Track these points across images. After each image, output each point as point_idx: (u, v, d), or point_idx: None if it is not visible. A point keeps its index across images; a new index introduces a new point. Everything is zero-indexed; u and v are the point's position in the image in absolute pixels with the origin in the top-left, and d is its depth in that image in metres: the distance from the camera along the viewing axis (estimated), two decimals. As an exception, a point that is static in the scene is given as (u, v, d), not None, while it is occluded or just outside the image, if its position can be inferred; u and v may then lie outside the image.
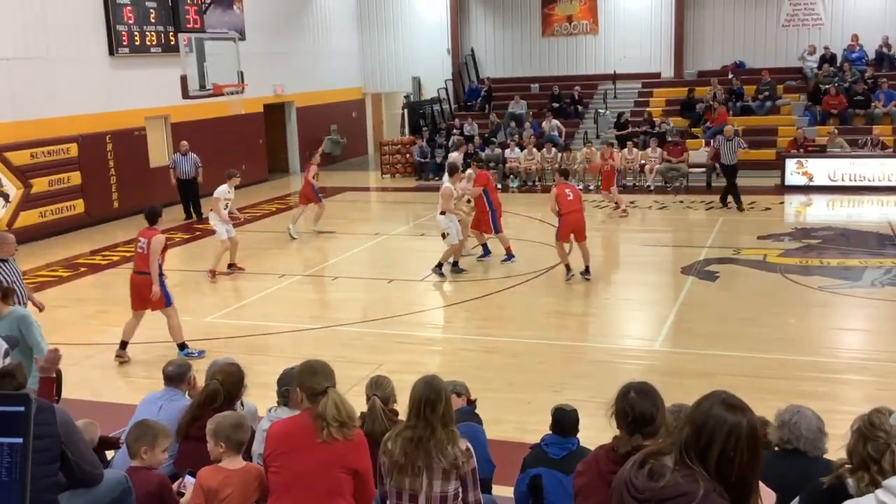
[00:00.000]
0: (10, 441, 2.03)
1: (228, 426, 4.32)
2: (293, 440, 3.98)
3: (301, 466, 3.94)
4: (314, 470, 3.92)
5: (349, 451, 3.96)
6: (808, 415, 4.19)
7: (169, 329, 9.73)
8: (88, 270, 14.26)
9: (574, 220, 12.22)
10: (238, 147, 20.68)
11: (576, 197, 12.36)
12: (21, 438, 2.05)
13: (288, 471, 3.97)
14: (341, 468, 3.95)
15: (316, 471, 3.92)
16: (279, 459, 4.01)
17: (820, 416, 4.23)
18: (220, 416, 4.46)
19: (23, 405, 2.06)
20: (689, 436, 2.47)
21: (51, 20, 16.73)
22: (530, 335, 10.17)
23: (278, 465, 4.01)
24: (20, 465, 2.03)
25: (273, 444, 4.05)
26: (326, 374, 4.08)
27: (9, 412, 2.04)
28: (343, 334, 10.47)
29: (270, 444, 4.06)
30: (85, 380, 8.82)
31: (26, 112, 16.21)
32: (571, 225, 12.23)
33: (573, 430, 4.94)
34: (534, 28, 26.54)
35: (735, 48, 24.45)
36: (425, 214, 18.32)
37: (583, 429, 5.11)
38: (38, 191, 16.67)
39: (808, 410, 4.22)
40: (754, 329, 10.03)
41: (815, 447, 4.12)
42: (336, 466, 3.93)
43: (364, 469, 4.03)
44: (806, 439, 4.11)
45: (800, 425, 4.13)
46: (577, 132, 23.69)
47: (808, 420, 4.16)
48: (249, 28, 21.94)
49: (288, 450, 3.98)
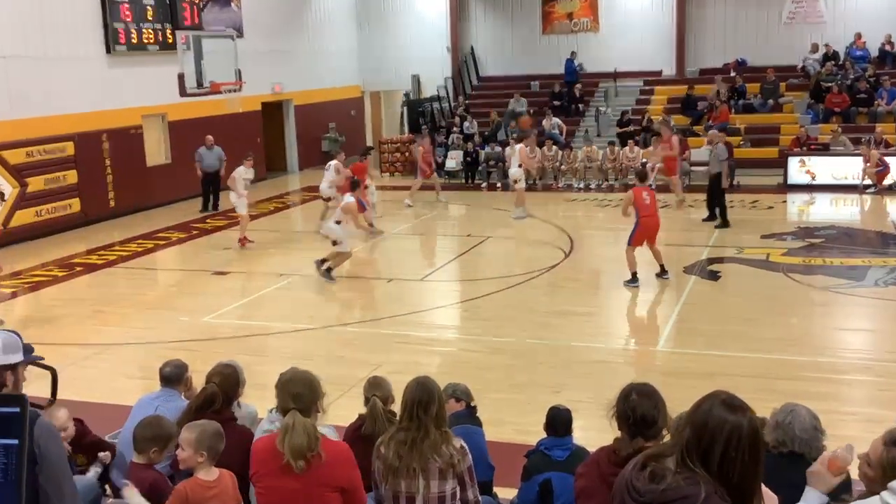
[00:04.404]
0: (6, 442, 2.01)
1: (211, 435, 4.18)
2: (275, 461, 3.84)
3: (285, 488, 3.82)
4: (299, 492, 3.80)
5: (333, 468, 3.85)
6: (801, 414, 4.08)
7: None
8: (84, 270, 14.19)
9: (651, 224, 11.87)
10: (236, 145, 20.57)
11: (652, 200, 12.04)
12: (17, 440, 2.03)
13: (273, 494, 3.87)
14: (327, 487, 3.83)
15: (301, 492, 3.80)
16: (263, 481, 3.91)
17: (816, 415, 4.12)
18: (201, 424, 4.31)
19: (18, 406, 2.03)
20: (690, 437, 2.46)
21: (47, 18, 16.67)
22: (531, 335, 10.10)
23: (263, 486, 3.91)
24: (16, 467, 2.00)
25: (256, 465, 3.94)
26: (296, 394, 3.91)
27: (4, 413, 2.02)
28: (342, 334, 10.42)
29: (254, 464, 3.96)
30: (81, 380, 8.75)
31: (23, 110, 16.15)
32: (648, 230, 11.87)
33: (567, 430, 4.90)
34: (534, 25, 26.48)
35: (737, 46, 24.38)
36: (425, 213, 18.27)
37: (583, 430, 5.07)
38: (34, 190, 16.60)
39: (803, 409, 4.12)
40: (757, 329, 9.96)
41: (810, 447, 4.01)
42: (321, 486, 3.82)
43: (351, 485, 3.92)
44: (800, 440, 4.01)
45: (793, 425, 4.03)
46: (577, 130, 23.64)
47: (802, 419, 4.05)
48: (248, 26, 21.90)
49: (270, 471, 3.87)
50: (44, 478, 2.90)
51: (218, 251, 15.14)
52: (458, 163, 22.44)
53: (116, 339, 10.41)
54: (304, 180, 23.73)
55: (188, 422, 4.84)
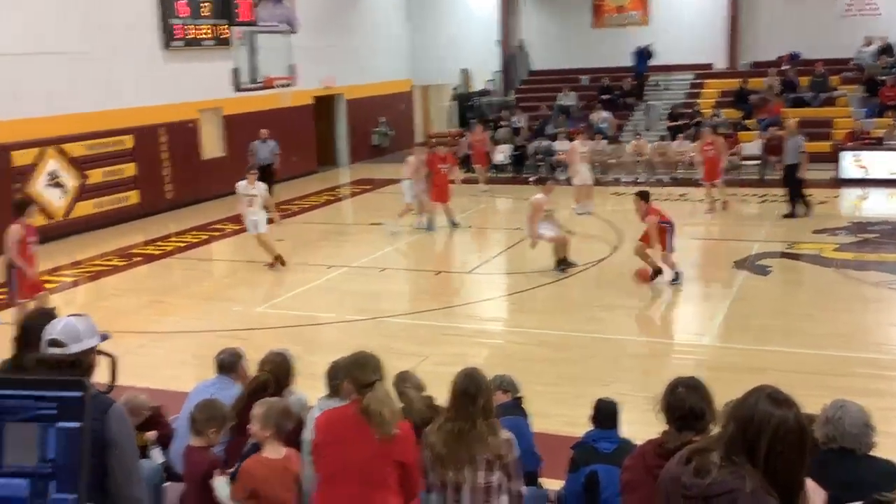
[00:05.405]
0: (69, 426, 2.09)
1: (278, 412, 4.38)
2: (341, 430, 4.01)
3: (348, 456, 3.96)
4: (361, 460, 3.94)
5: (396, 443, 3.97)
6: (852, 410, 4.07)
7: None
8: (142, 260, 14.55)
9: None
10: (288, 139, 20.87)
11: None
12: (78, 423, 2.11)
13: (336, 460, 4.00)
14: (388, 460, 3.96)
15: (363, 461, 3.94)
16: (327, 448, 4.04)
17: (867, 411, 4.11)
18: (270, 401, 4.52)
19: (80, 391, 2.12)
20: (735, 431, 2.45)
21: (107, 15, 17.05)
22: (579, 328, 10.10)
23: (326, 454, 4.04)
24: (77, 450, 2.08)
25: (322, 434, 4.09)
26: (375, 367, 4.09)
27: (67, 397, 2.10)
28: (390, 326, 10.52)
29: (319, 433, 4.10)
30: (137, 366, 8.99)
31: (83, 105, 16.55)
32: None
33: (614, 423, 4.93)
34: (584, 19, 26.30)
35: (790, 39, 23.93)
36: (472, 207, 18.32)
37: (630, 423, 5.09)
38: (94, 182, 17.04)
39: (854, 405, 4.10)
40: (808, 324, 9.84)
41: (860, 443, 4.00)
42: (383, 458, 3.95)
43: (411, 462, 4.04)
44: (850, 435, 4.00)
45: (843, 421, 4.02)
46: (626, 124, 23.46)
47: (852, 415, 4.04)
48: (300, 21, 22.09)
49: (335, 440, 4.02)
50: (115, 463, 3.10)
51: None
52: (506, 156, 22.43)
53: (172, 327, 10.67)
54: (355, 174, 23.94)
55: (241, 409, 5.01)
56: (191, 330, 10.47)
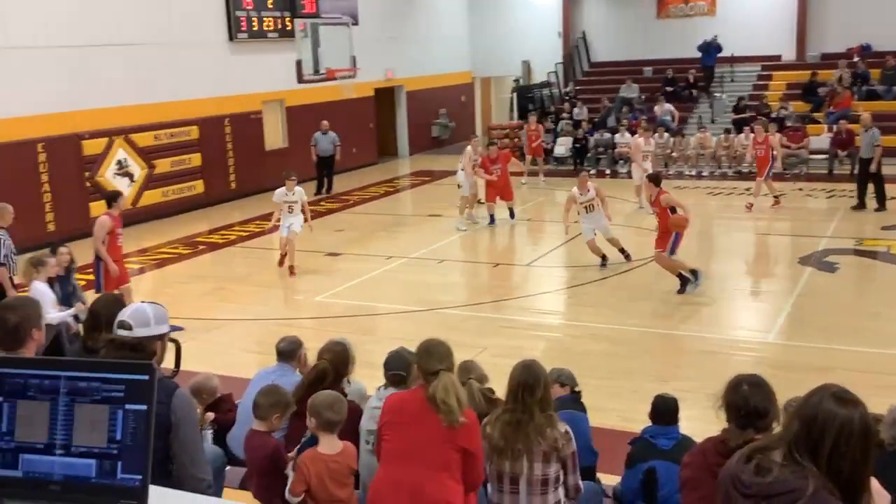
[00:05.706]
0: (136, 408, 2.15)
1: (321, 403, 4.41)
2: (407, 413, 4.05)
3: (413, 438, 4.00)
4: (425, 443, 3.97)
5: (461, 430, 3.98)
6: None
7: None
8: (207, 248, 14.85)
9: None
10: (349, 130, 21.04)
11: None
12: (145, 405, 2.17)
13: (400, 440, 4.04)
14: (451, 445, 3.97)
15: (427, 444, 3.97)
16: (392, 429, 4.08)
17: None
18: (318, 394, 4.56)
19: (147, 374, 2.18)
20: (798, 430, 2.40)
21: (174, 7, 17.40)
22: (637, 323, 10.01)
23: (391, 434, 4.08)
24: (144, 431, 2.14)
25: (388, 415, 4.13)
26: (441, 356, 4.10)
27: (135, 380, 2.17)
28: (448, 317, 10.56)
29: (386, 414, 4.15)
30: (201, 352, 9.19)
31: (150, 95, 16.93)
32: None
33: (674, 419, 4.87)
34: (648, 9, 25.93)
35: (861, 30, 23.21)
36: (532, 199, 18.23)
37: (689, 420, 5.03)
38: (161, 171, 17.42)
39: None
40: (876, 323, 9.59)
41: None
42: (446, 443, 3.96)
43: (474, 449, 4.05)
44: None
45: None
46: (691, 117, 23.08)
47: None
48: (362, 13, 22.25)
49: (402, 421, 4.06)
50: (178, 445, 3.19)
51: (330, 233, 15.54)
52: (567, 149, 22.27)
53: (234, 314, 10.88)
54: (414, 165, 24.03)
55: (301, 396, 5.08)
56: (253, 318, 10.65)
